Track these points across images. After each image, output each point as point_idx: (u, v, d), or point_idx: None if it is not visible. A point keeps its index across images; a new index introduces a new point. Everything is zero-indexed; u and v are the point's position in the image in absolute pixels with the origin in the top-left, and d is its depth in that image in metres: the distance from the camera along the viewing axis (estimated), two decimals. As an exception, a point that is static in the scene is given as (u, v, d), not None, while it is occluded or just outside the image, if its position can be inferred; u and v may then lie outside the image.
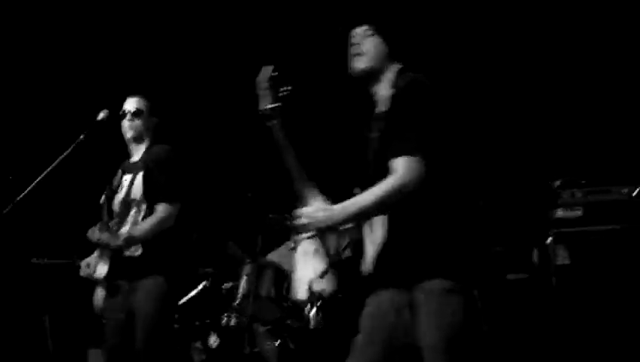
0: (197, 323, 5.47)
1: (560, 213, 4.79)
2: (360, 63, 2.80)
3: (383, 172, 2.65)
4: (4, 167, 5.83)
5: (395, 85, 2.77)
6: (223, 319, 5.38)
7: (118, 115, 4.19)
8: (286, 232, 5.76)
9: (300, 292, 5.62)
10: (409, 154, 2.60)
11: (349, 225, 2.88)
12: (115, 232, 4.00)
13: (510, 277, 4.87)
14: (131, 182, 4.07)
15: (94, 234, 4.04)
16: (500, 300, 4.73)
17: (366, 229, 2.83)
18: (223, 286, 5.68)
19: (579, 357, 4.50)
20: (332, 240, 5.87)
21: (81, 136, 4.01)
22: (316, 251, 6.01)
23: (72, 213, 6.48)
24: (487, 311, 4.61)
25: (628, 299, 4.43)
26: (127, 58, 6.68)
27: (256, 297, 5.26)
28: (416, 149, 2.60)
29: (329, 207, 2.70)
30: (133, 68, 6.61)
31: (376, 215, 2.74)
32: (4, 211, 3.81)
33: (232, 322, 5.32)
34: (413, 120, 2.63)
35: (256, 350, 5.17)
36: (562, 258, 4.73)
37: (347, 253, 5.70)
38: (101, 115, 4.10)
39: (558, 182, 4.83)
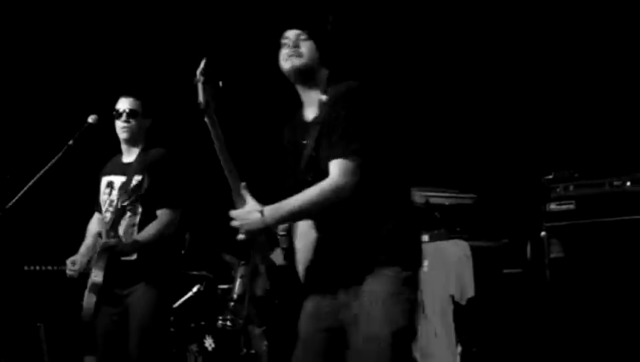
0: (192, 325, 5.46)
1: (553, 206, 4.80)
2: (297, 61, 2.77)
3: (320, 176, 2.65)
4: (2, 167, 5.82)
5: (326, 91, 2.77)
6: (218, 321, 5.37)
7: (108, 117, 4.14)
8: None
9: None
10: (344, 157, 2.60)
11: (282, 228, 2.88)
12: (117, 237, 3.94)
13: (505, 271, 4.87)
14: (127, 184, 4.00)
15: (100, 237, 3.94)
16: (495, 295, 4.74)
17: (295, 235, 2.86)
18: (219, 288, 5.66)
19: (574, 350, 4.51)
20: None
21: (70, 141, 3.99)
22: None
23: (64, 219, 6.46)
24: (483, 306, 4.63)
25: (621, 292, 4.44)
26: (120, 60, 6.65)
27: (252, 298, 5.23)
28: (352, 152, 2.60)
29: (261, 208, 2.66)
30: (124, 69, 6.59)
31: (309, 217, 2.75)
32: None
33: (228, 324, 5.31)
34: (348, 124, 2.63)
35: (252, 351, 5.16)
36: (556, 251, 4.74)
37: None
38: (90, 119, 4.07)
39: (550, 176, 4.84)
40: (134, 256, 3.97)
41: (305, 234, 2.83)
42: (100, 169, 4.27)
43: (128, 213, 3.98)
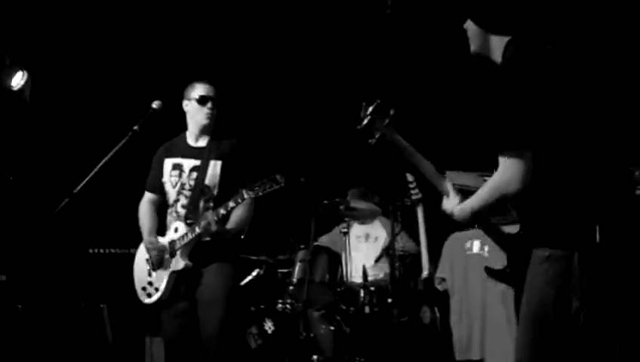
0: (252, 308, 5.51)
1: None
2: (471, 47, 2.87)
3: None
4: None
5: (503, 60, 2.76)
6: (278, 304, 5.42)
7: (171, 104, 4.21)
8: (338, 217, 5.76)
9: (355, 277, 5.64)
10: (506, 153, 2.61)
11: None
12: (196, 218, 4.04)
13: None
14: (202, 169, 4.08)
15: (209, 224, 3.98)
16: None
17: None
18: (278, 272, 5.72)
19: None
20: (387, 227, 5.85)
21: (136, 127, 4.04)
22: (368, 236, 6.02)
23: (127, 203, 6.58)
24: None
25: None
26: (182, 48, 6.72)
27: (311, 282, 5.28)
28: (507, 146, 2.61)
29: (460, 201, 2.89)
30: (184, 57, 6.66)
31: (493, 209, 2.84)
32: (62, 204, 3.87)
33: (288, 307, 5.36)
34: (499, 114, 2.62)
35: (311, 335, 5.20)
36: None
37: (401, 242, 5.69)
38: (154, 105, 4.11)
39: None
40: (208, 238, 4.04)
41: None
42: (156, 151, 4.36)
43: (205, 196, 4.06)
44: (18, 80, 6.24)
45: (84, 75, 6.58)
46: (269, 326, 5.29)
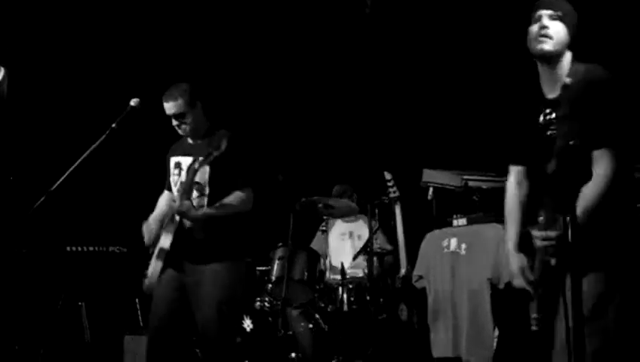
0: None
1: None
2: (547, 45, 2.89)
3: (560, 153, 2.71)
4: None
5: (574, 71, 2.86)
6: (256, 302, 5.42)
7: (149, 100, 4.17)
8: (316, 215, 5.78)
9: (334, 274, 5.66)
10: (611, 146, 2.79)
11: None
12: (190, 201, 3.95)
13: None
14: (190, 166, 4.00)
15: (174, 201, 3.96)
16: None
17: None
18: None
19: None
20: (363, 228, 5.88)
21: (114, 124, 4.03)
22: (351, 234, 6.05)
23: (105, 201, 6.56)
24: (520, 291, 4.60)
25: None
26: (159, 42, 6.71)
27: (289, 280, 5.28)
28: (617, 141, 2.80)
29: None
30: (164, 51, 6.64)
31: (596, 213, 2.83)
32: (38, 202, 3.84)
33: (266, 305, 5.36)
34: (615, 111, 2.80)
35: (289, 332, 5.21)
36: None
37: (379, 240, 5.71)
38: (133, 103, 4.10)
39: None
40: (202, 236, 3.98)
41: None
42: (168, 150, 4.32)
43: (196, 193, 4.01)
44: (-5, 76, 6.19)
45: (62, 71, 6.55)
46: (247, 323, 5.29)
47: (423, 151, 6.19)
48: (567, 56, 2.93)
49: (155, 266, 3.95)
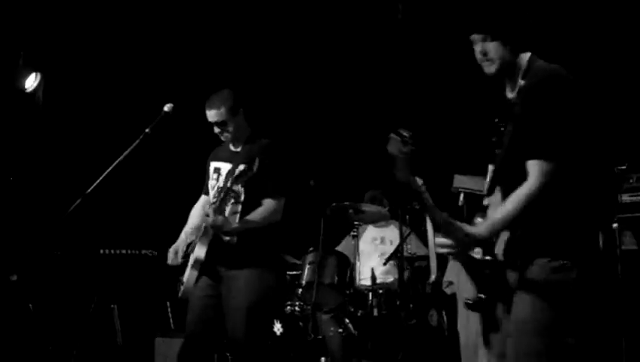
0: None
1: (626, 197, 4.70)
2: (491, 68, 2.87)
3: (514, 165, 2.74)
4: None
5: (527, 75, 2.82)
6: (286, 306, 5.44)
7: (183, 105, 4.21)
8: (347, 220, 5.78)
9: (364, 280, 5.66)
10: (543, 158, 2.67)
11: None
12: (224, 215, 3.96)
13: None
14: (231, 172, 4.02)
15: (207, 216, 3.94)
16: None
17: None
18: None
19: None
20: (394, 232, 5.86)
21: (147, 129, 4.07)
22: (383, 239, 6.04)
23: (138, 205, 6.62)
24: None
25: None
26: (196, 47, 6.75)
27: (320, 285, 5.30)
28: (548, 153, 2.66)
29: (470, 230, 2.77)
30: (202, 57, 6.69)
31: (512, 225, 2.80)
32: (73, 205, 3.90)
33: (296, 309, 5.38)
34: (547, 119, 2.68)
35: (319, 337, 5.21)
36: (628, 243, 4.65)
37: (410, 246, 5.70)
38: (166, 108, 4.14)
39: (624, 167, 4.73)
40: (235, 240, 4.01)
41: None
42: (209, 154, 4.34)
43: (232, 200, 4.01)
44: (31, 82, 6.29)
45: (96, 77, 6.62)
46: (277, 327, 5.30)
47: (454, 157, 6.17)
48: (523, 58, 2.87)
49: (190, 275, 3.99)
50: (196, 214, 4.33)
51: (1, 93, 6.23)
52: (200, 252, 3.97)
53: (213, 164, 4.25)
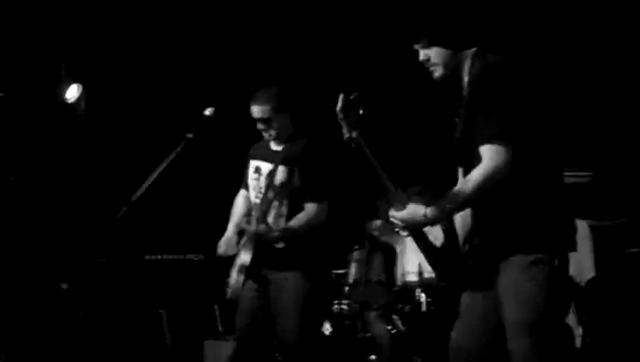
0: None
1: None
2: (437, 73, 2.90)
3: (468, 156, 2.76)
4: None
5: (472, 70, 2.84)
6: (334, 305, 5.44)
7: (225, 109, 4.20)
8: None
9: (411, 275, 5.63)
10: (490, 142, 2.67)
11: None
12: (266, 223, 3.95)
13: (629, 251, 4.72)
14: (273, 173, 4.02)
15: (249, 224, 3.98)
16: (618, 275, 4.60)
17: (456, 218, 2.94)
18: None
19: None
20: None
21: (190, 134, 4.08)
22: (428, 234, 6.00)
23: (182, 210, 6.67)
24: (604, 287, 4.51)
25: None
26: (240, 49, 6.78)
27: (367, 282, 5.28)
28: (497, 136, 2.66)
29: (425, 208, 2.79)
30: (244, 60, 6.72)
31: (467, 207, 2.83)
32: (121, 213, 3.93)
33: (344, 308, 5.37)
34: (493, 105, 2.69)
35: (368, 335, 5.21)
36: None
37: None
38: (207, 112, 4.14)
39: None
40: (282, 245, 3.98)
41: (463, 217, 2.92)
42: (249, 150, 4.31)
43: (276, 203, 3.99)
44: (73, 93, 6.37)
45: (137, 85, 6.68)
46: (326, 327, 5.31)
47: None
48: (467, 55, 2.88)
49: (237, 279, 3.98)
50: (238, 208, 4.29)
51: (44, 105, 6.31)
52: (245, 257, 3.96)
53: (253, 163, 4.21)
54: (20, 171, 6.03)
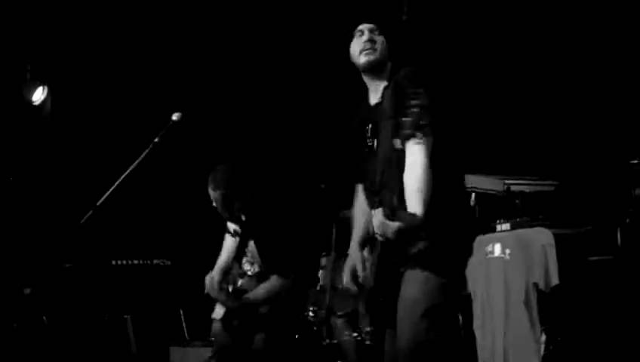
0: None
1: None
2: (372, 56, 3.01)
3: (393, 156, 2.85)
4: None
5: (391, 78, 2.99)
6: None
7: (190, 117, 4.23)
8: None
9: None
10: (418, 136, 2.78)
11: None
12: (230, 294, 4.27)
13: (592, 259, 4.76)
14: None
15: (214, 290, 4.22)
16: (581, 283, 4.64)
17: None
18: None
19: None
20: None
21: (156, 139, 4.07)
22: None
23: (149, 215, 6.63)
24: (569, 294, 4.56)
25: None
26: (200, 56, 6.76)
27: (334, 289, 5.28)
28: (422, 129, 2.79)
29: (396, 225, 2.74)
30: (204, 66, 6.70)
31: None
32: (85, 217, 3.90)
33: (310, 314, 5.37)
34: (417, 103, 2.82)
35: (334, 341, 5.20)
36: None
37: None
38: (174, 117, 4.14)
39: (636, 160, 4.70)
40: (265, 310, 4.31)
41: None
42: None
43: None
44: (39, 95, 6.31)
45: (103, 88, 6.64)
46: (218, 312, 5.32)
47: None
48: (389, 67, 3.05)
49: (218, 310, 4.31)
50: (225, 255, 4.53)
51: (9, 107, 6.25)
52: (219, 311, 4.35)
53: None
54: (-17, 174, 5.97)
